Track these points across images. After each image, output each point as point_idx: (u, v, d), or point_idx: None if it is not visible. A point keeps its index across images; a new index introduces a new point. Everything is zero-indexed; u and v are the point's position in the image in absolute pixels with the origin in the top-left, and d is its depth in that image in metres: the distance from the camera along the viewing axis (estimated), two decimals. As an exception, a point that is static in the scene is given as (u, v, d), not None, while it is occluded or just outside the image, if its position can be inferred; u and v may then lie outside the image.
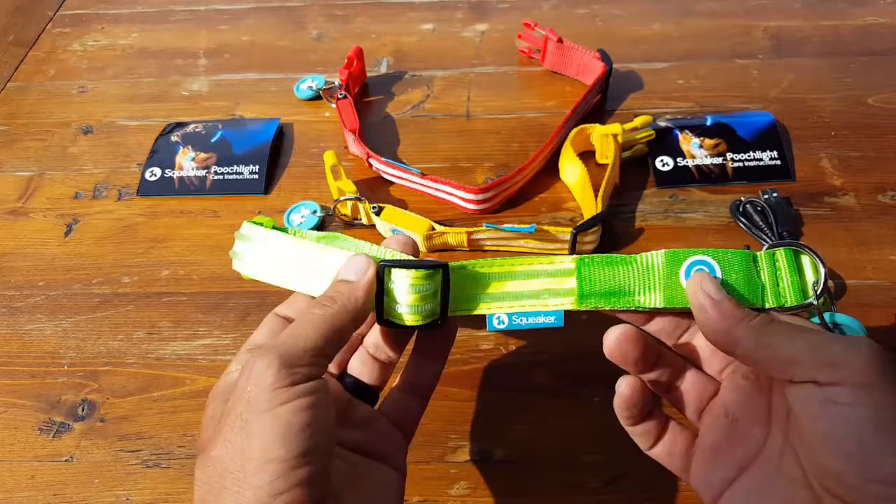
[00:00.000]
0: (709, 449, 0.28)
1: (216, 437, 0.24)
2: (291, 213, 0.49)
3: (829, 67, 0.57)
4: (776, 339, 0.25)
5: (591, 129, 0.50)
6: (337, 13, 0.66)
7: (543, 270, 0.30)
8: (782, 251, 0.29)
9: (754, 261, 0.29)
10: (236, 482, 0.23)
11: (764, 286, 0.29)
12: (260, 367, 0.24)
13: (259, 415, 0.23)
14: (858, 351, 0.23)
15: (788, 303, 0.28)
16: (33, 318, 0.45)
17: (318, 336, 0.26)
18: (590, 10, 0.64)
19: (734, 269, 0.29)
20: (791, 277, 0.29)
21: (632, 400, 0.28)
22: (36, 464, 0.39)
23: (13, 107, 0.60)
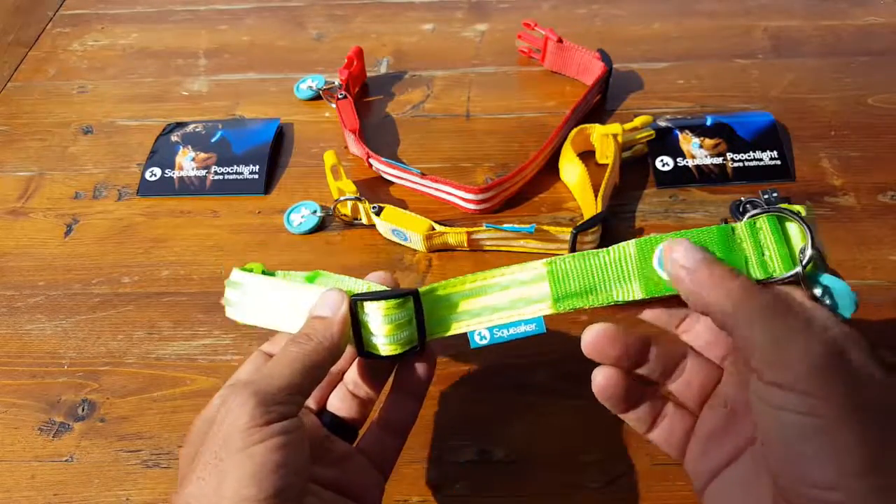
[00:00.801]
0: (704, 437, 0.28)
1: (190, 474, 0.25)
2: (291, 213, 0.49)
3: (829, 67, 0.57)
4: (744, 318, 0.24)
5: (591, 129, 0.50)
6: (337, 13, 0.66)
7: (516, 280, 0.30)
8: (764, 219, 0.28)
9: (733, 233, 0.28)
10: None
11: (747, 258, 0.27)
12: (235, 405, 0.25)
13: (233, 454, 0.24)
14: (810, 357, 0.22)
15: (777, 273, 0.27)
16: (33, 318, 0.46)
17: (293, 373, 0.26)
18: (590, 10, 0.64)
19: (711, 246, 0.27)
20: (777, 246, 0.27)
21: (607, 391, 0.28)
22: (36, 464, 0.39)
23: (13, 107, 0.60)
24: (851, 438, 0.21)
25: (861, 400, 0.22)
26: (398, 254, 0.47)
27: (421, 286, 0.31)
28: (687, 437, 0.29)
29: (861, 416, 0.22)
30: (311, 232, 0.48)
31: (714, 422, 0.28)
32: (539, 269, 0.30)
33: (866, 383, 0.22)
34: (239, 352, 0.43)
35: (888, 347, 0.40)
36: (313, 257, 0.47)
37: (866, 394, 0.22)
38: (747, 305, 0.24)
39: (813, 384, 0.22)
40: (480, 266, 0.45)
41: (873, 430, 0.22)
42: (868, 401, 0.22)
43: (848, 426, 0.22)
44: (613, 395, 0.28)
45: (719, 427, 0.28)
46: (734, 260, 0.27)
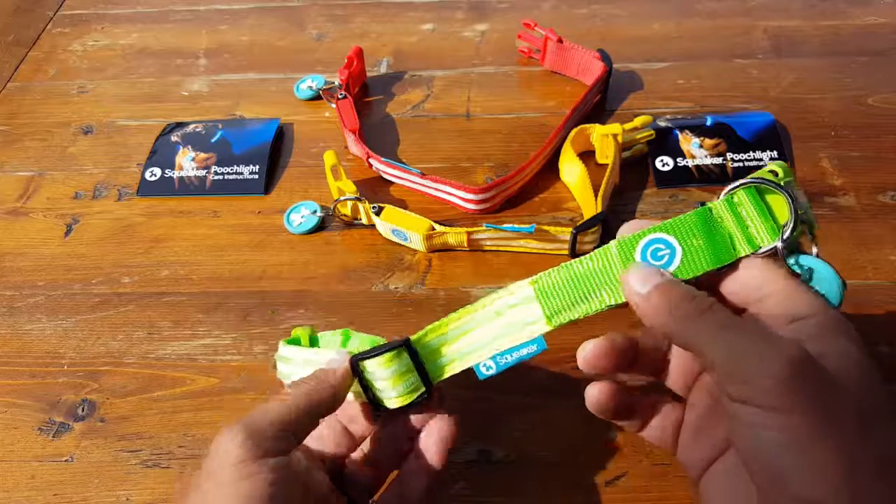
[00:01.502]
0: (691, 429, 0.28)
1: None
2: (291, 213, 0.49)
3: (829, 67, 0.57)
4: (701, 337, 0.24)
5: (591, 129, 0.50)
6: (337, 13, 0.66)
7: (505, 305, 0.30)
8: (741, 192, 0.27)
9: (711, 213, 0.27)
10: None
11: (731, 235, 0.26)
12: (226, 439, 0.24)
13: (220, 488, 0.24)
14: (771, 368, 0.22)
15: (764, 245, 0.26)
16: (33, 317, 0.45)
17: (288, 410, 0.26)
18: (590, 10, 0.64)
19: (692, 233, 0.27)
20: (761, 218, 0.26)
21: (601, 405, 0.29)
22: (36, 464, 0.39)
23: (13, 107, 0.60)
24: (827, 453, 0.21)
25: (835, 408, 0.21)
26: (398, 254, 0.47)
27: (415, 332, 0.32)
28: (677, 429, 0.29)
29: (835, 427, 0.21)
30: (311, 232, 0.48)
31: (699, 413, 0.28)
32: (525, 290, 0.29)
33: (840, 388, 0.22)
34: (239, 352, 0.43)
35: (889, 349, 0.40)
36: (313, 257, 0.47)
37: (840, 401, 0.22)
38: (703, 327, 0.24)
39: (779, 399, 0.21)
40: (480, 266, 0.46)
41: (848, 441, 0.21)
42: (842, 408, 0.21)
43: (823, 439, 0.21)
44: (608, 409, 0.29)
45: (707, 417, 0.28)
46: (718, 240, 0.26)
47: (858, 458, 0.21)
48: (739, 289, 0.26)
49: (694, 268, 0.27)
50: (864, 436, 0.21)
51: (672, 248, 0.27)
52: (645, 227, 0.28)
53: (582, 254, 0.29)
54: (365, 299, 0.45)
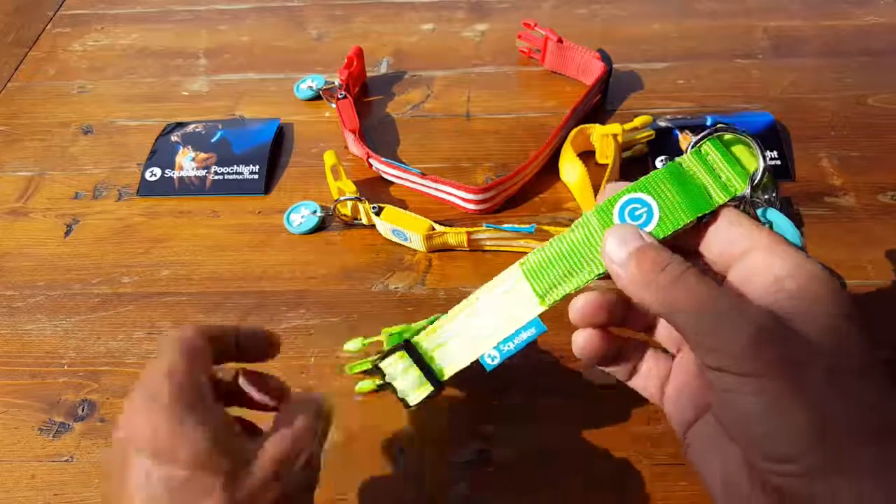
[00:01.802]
0: (675, 387, 0.28)
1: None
2: (291, 213, 0.49)
3: (829, 67, 0.57)
4: (674, 305, 0.24)
5: (591, 129, 0.50)
6: (337, 13, 0.66)
7: (498, 293, 0.30)
8: (708, 144, 0.27)
9: (682, 167, 0.27)
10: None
11: (705, 186, 0.26)
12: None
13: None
14: (741, 336, 0.22)
15: (739, 190, 0.26)
16: (33, 318, 0.45)
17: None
18: (590, 10, 0.64)
19: (666, 189, 0.27)
20: (730, 166, 0.26)
21: (587, 352, 0.28)
22: (36, 464, 0.39)
23: (13, 107, 0.60)
24: (800, 413, 0.21)
25: (805, 369, 0.22)
26: (398, 254, 0.47)
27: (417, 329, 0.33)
28: (664, 384, 0.29)
29: (805, 386, 0.21)
30: (311, 232, 0.48)
31: (685, 373, 0.28)
32: (514, 273, 0.30)
33: (812, 348, 0.22)
34: (239, 352, 0.43)
35: (890, 348, 0.40)
36: (313, 257, 0.47)
37: (811, 361, 0.22)
38: (674, 295, 0.24)
39: (750, 364, 0.22)
40: (480, 266, 0.46)
41: (820, 399, 0.21)
42: (813, 368, 0.22)
43: (794, 400, 0.21)
44: (594, 356, 0.29)
45: (689, 378, 0.28)
46: (693, 192, 0.26)
47: (829, 416, 0.21)
48: (721, 247, 0.26)
49: (673, 222, 0.26)
50: (834, 392, 0.22)
51: (648, 206, 0.27)
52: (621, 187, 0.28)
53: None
54: (365, 299, 0.45)
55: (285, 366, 0.42)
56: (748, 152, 0.27)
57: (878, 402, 0.22)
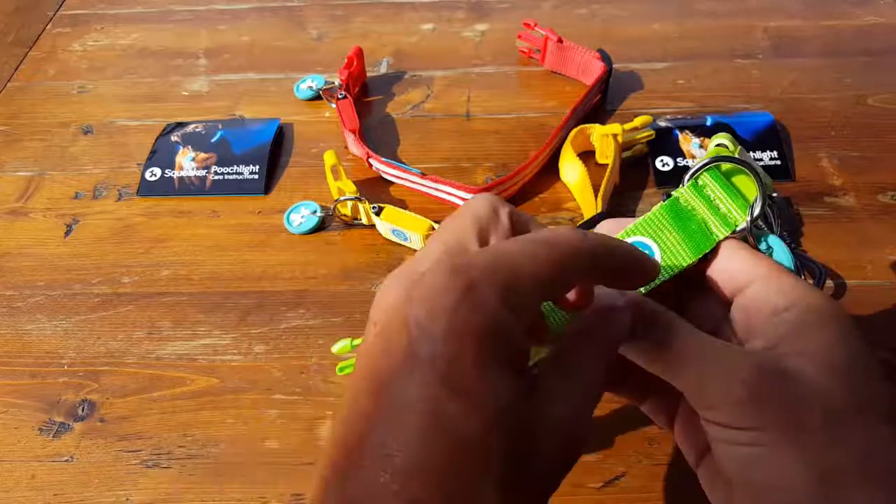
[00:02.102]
0: (686, 414, 0.28)
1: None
2: (291, 213, 0.49)
3: (829, 67, 0.57)
4: (666, 363, 0.23)
5: (591, 129, 0.50)
6: (337, 13, 0.66)
7: None
8: (705, 175, 0.26)
9: (679, 202, 0.26)
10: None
11: (704, 220, 0.26)
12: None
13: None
14: (731, 391, 0.22)
15: (740, 222, 0.25)
16: (33, 317, 0.46)
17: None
18: (590, 10, 0.64)
19: (666, 230, 0.26)
20: (730, 197, 0.26)
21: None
22: (36, 464, 0.39)
23: (13, 107, 0.60)
24: (797, 462, 0.21)
25: (801, 416, 0.21)
26: (398, 254, 0.47)
27: None
28: (674, 411, 0.28)
29: (802, 436, 0.21)
30: (311, 232, 0.48)
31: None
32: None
33: (808, 392, 0.22)
34: (238, 352, 0.43)
35: (889, 349, 0.40)
36: (313, 257, 0.47)
37: (807, 407, 0.21)
38: (663, 353, 0.23)
39: (743, 419, 0.22)
40: (480, 266, 0.46)
41: (817, 449, 0.21)
42: (809, 415, 0.21)
43: (790, 451, 0.21)
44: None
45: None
46: (694, 229, 0.26)
47: (828, 466, 0.21)
48: (725, 277, 0.26)
49: (675, 264, 0.26)
50: (832, 440, 0.21)
51: (649, 249, 0.26)
52: (623, 225, 0.28)
53: None
54: (365, 299, 0.45)
55: (285, 366, 0.42)
56: (748, 180, 0.26)
57: (879, 443, 0.21)
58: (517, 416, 0.20)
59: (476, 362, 0.19)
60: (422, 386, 0.19)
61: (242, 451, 0.39)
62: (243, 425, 0.40)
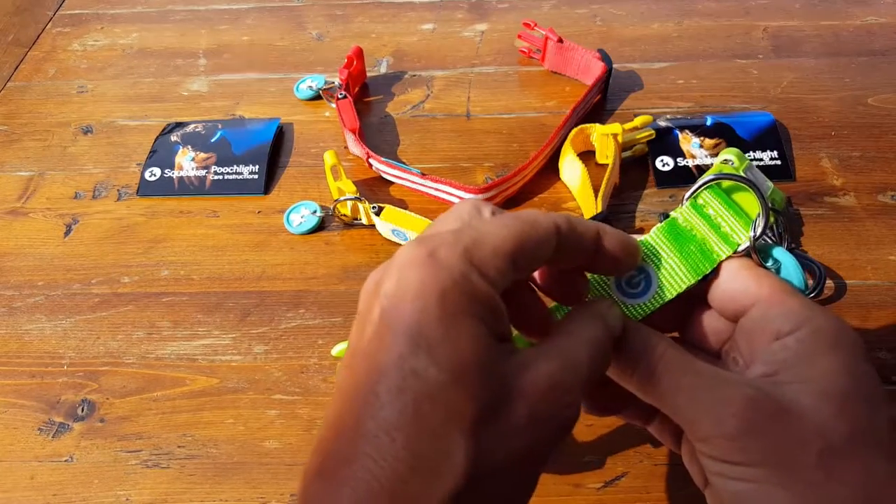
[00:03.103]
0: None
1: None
2: (291, 213, 0.49)
3: (829, 67, 0.57)
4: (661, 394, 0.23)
5: (591, 129, 0.50)
6: (337, 13, 0.66)
7: None
8: (705, 193, 0.26)
9: (677, 222, 0.26)
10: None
11: (704, 240, 0.25)
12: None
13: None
14: (724, 426, 0.22)
15: (741, 241, 0.25)
16: (33, 317, 0.45)
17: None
18: (590, 10, 0.64)
19: (664, 252, 0.26)
20: (732, 214, 0.25)
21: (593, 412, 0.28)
22: (35, 464, 0.39)
23: (13, 107, 0.60)
24: (792, 500, 0.21)
25: (796, 452, 0.21)
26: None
27: None
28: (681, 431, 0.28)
29: (795, 474, 0.21)
30: (310, 232, 0.48)
31: None
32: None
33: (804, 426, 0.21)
34: (238, 352, 0.43)
35: (888, 349, 0.40)
36: (313, 257, 0.47)
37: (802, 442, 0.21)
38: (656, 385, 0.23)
39: (736, 455, 0.22)
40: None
41: (810, 487, 0.21)
42: (804, 451, 0.21)
43: (783, 489, 0.21)
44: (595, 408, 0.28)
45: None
46: (693, 250, 0.25)
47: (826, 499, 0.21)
48: (727, 298, 0.25)
49: (673, 287, 0.25)
50: (827, 478, 0.21)
51: (646, 273, 0.26)
52: None
53: None
54: (365, 299, 0.45)
55: (285, 366, 0.42)
56: (750, 197, 0.25)
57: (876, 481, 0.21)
58: (488, 372, 0.20)
59: (440, 317, 0.20)
60: (392, 349, 0.20)
61: (242, 451, 0.39)
62: (243, 425, 0.40)
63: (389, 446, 0.19)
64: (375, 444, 0.19)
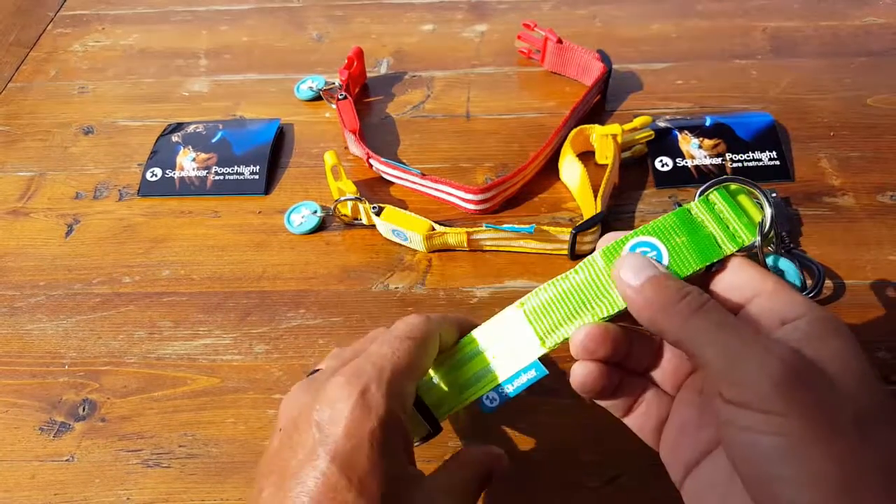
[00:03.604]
0: (677, 426, 0.27)
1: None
2: (292, 214, 0.49)
3: (829, 67, 0.57)
4: (695, 336, 0.23)
5: (591, 130, 0.50)
6: (337, 13, 0.66)
7: (499, 335, 0.30)
8: (715, 193, 0.27)
9: (691, 214, 0.27)
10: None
11: (714, 235, 0.27)
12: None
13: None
14: (768, 370, 0.21)
15: (746, 242, 0.26)
16: (34, 317, 0.46)
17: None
18: (589, 10, 0.64)
19: (675, 233, 0.27)
20: (737, 216, 0.27)
21: (586, 387, 0.27)
22: (37, 463, 0.39)
23: (14, 107, 0.60)
24: (824, 459, 0.20)
25: (833, 412, 0.21)
26: (398, 254, 0.47)
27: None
28: (662, 425, 0.28)
29: (833, 432, 0.20)
30: (311, 232, 0.48)
31: (687, 411, 0.27)
32: (516, 315, 0.29)
33: (837, 391, 0.21)
34: (239, 352, 0.43)
35: (888, 349, 0.40)
36: (313, 258, 0.47)
37: (838, 404, 0.21)
38: (697, 326, 0.23)
39: (775, 402, 0.21)
40: (480, 266, 0.46)
41: (847, 447, 0.20)
42: (841, 412, 0.21)
43: (819, 445, 0.20)
44: (592, 390, 0.28)
45: (693, 417, 0.27)
46: (702, 239, 0.27)
47: (857, 465, 0.20)
48: (729, 291, 0.26)
49: (683, 267, 0.26)
50: (862, 441, 0.21)
51: (658, 250, 0.27)
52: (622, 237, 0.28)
53: (581, 255, 0.29)
54: (365, 299, 0.45)
55: (286, 366, 0.42)
56: (753, 203, 0.27)
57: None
58: (400, 498, 0.25)
59: (369, 456, 0.24)
60: (323, 478, 0.24)
61: (243, 450, 0.39)
62: (244, 425, 0.40)
63: None
64: None
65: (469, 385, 0.30)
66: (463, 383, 0.31)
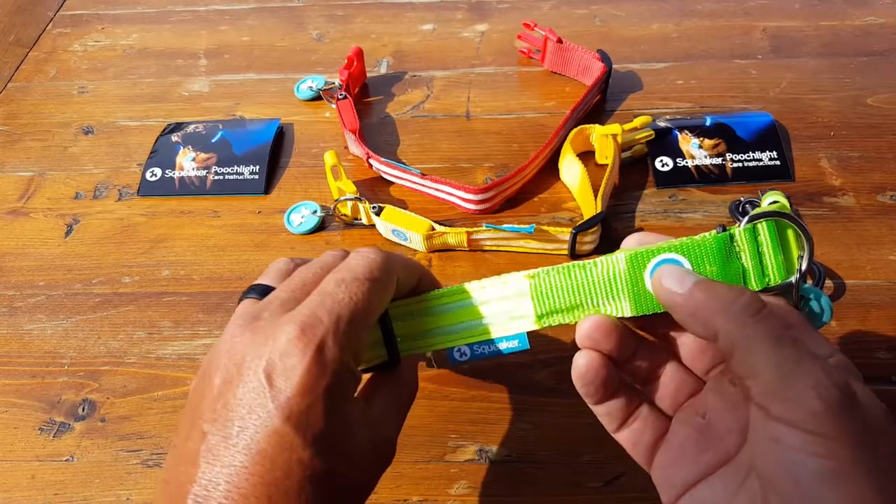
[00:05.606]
0: (676, 446, 0.27)
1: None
2: (292, 213, 0.49)
3: (829, 67, 0.57)
4: (751, 344, 0.23)
5: (591, 130, 0.50)
6: (337, 13, 0.66)
7: (496, 295, 0.29)
8: (764, 224, 0.26)
9: (731, 241, 0.26)
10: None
11: (745, 269, 0.26)
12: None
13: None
14: (823, 394, 0.21)
15: (773, 282, 0.26)
16: (34, 317, 0.46)
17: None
18: (589, 10, 0.64)
19: (709, 260, 0.26)
20: (774, 253, 0.26)
21: (588, 377, 0.27)
22: (36, 463, 0.39)
23: (14, 107, 0.60)
24: (869, 488, 0.20)
25: (875, 442, 0.21)
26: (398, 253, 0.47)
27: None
28: (656, 444, 0.28)
29: (877, 460, 0.21)
30: (311, 232, 0.48)
31: (687, 432, 0.27)
32: (521, 284, 0.29)
33: (878, 424, 0.21)
34: (239, 352, 0.43)
35: (888, 349, 0.40)
36: (314, 257, 0.47)
37: (879, 436, 0.21)
38: (752, 331, 0.23)
39: (827, 424, 0.21)
40: (480, 266, 0.46)
41: (888, 480, 0.20)
42: (883, 443, 0.21)
43: (863, 471, 0.20)
44: (593, 382, 0.27)
45: (693, 439, 0.26)
46: (731, 272, 0.26)
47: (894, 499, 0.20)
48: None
49: None
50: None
51: (679, 264, 0.26)
52: (652, 240, 0.28)
53: (581, 255, 0.29)
54: (365, 299, 0.45)
55: (285, 365, 0.42)
56: (795, 238, 0.26)
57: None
58: (351, 438, 0.25)
59: (324, 413, 0.23)
60: (277, 436, 0.23)
61: (243, 450, 0.39)
62: (243, 425, 0.40)
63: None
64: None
65: (446, 332, 0.30)
66: (440, 328, 0.30)
